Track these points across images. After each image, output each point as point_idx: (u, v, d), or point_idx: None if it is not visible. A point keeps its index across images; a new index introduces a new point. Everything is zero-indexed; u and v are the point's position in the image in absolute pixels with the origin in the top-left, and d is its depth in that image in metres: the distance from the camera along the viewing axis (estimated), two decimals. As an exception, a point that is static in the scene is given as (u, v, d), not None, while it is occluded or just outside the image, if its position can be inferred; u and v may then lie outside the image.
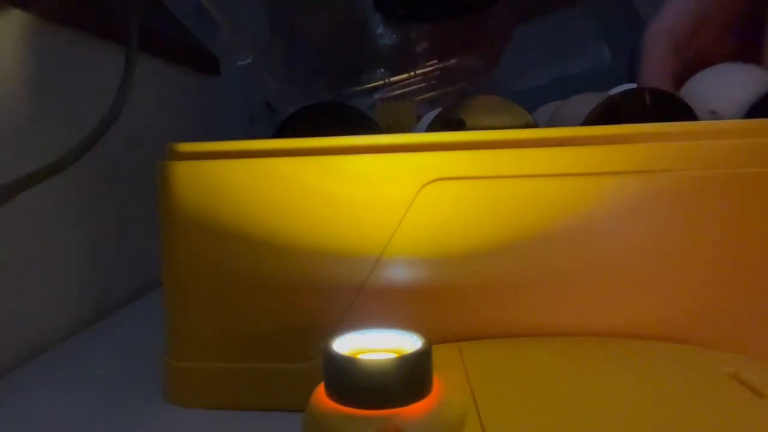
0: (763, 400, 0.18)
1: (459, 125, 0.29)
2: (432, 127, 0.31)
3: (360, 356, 0.18)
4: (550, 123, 0.37)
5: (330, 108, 0.30)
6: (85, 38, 0.41)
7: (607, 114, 0.29)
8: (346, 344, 0.19)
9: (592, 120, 0.29)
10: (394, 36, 0.54)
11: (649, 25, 0.41)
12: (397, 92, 0.56)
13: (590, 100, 0.32)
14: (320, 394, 0.18)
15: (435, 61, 0.56)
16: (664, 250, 0.24)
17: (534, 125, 0.29)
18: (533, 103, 0.38)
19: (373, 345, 0.19)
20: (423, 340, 0.18)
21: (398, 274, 0.25)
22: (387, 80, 0.55)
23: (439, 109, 0.34)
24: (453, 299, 0.25)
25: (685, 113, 0.29)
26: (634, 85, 0.38)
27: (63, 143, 0.31)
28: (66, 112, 0.39)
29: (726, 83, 0.31)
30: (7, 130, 0.34)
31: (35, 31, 0.36)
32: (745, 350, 0.23)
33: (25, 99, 0.35)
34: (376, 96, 0.56)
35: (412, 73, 0.56)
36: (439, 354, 0.18)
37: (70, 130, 0.39)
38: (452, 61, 0.57)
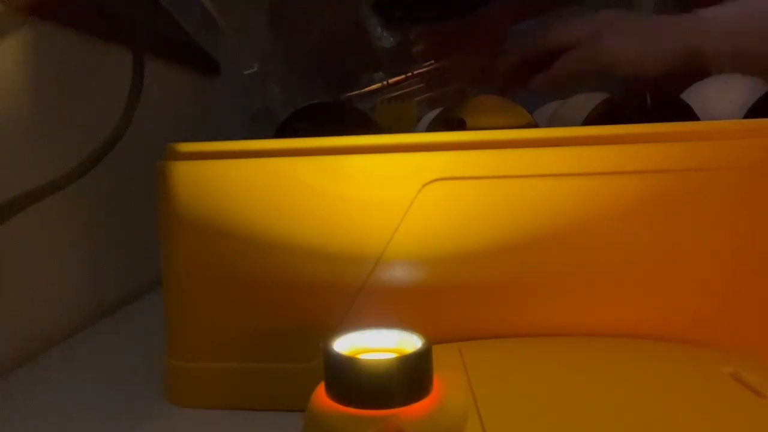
0: (763, 400, 0.18)
1: (459, 125, 0.29)
2: (432, 127, 0.31)
3: (360, 356, 0.18)
4: (550, 123, 0.37)
5: (330, 108, 0.30)
6: (88, 40, 0.41)
7: (607, 114, 0.29)
8: (346, 344, 0.19)
9: (592, 120, 0.29)
10: (391, 38, 0.55)
11: None
12: (396, 93, 0.56)
13: (590, 100, 0.32)
14: (320, 394, 0.18)
15: (433, 61, 0.57)
16: (664, 250, 0.24)
17: (534, 125, 0.29)
18: (533, 102, 0.38)
19: (373, 345, 0.19)
20: (423, 340, 0.18)
21: (398, 274, 0.25)
22: (386, 82, 0.56)
23: (440, 109, 0.34)
24: (453, 299, 0.25)
25: (686, 113, 0.29)
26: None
27: (69, 147, 0.31)
28: (68, 113, 0.39)
29: (724, 93, 0.31)
30: (12, 134, 0.34)
31: (38, 34, 0.36)
32: (746, 350, 0.23)
33: (29, 101, 0.35)
34: (376, 99, 0.56)
35: (411, 74, 0.56)
36: (439, 354, 0.18)
37: (72, 133, 0.39)
38: (450, 61, 0.57)
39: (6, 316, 0.33)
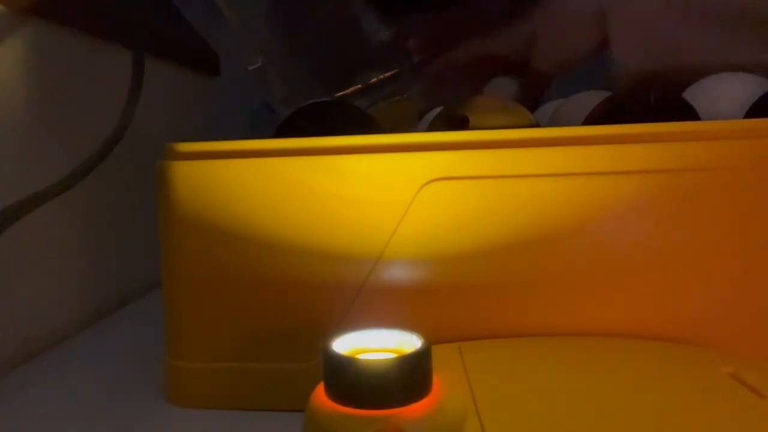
0: (763, 400, 0.18)
1: (463, 122, 0.29)
2: (434, 125, 0.31)
3: (360, 356, 0.18)
4: (551, 123, 0.37)
5: (330, 108, 0.30)
6: (88, 40, 0.41)
7: (607, 113, 0.29)
8: (346, 344, 0.19)
9: (592, 120, 0.29)
10: (387, 31, 0.55)
11: None
12: (395, 87, 0.56)
13: (591, 100, 0.32)
14: (320, 394, 0.18)
15: (431, 54, 0.56)
16: (664, 251, 0.24)
17: (536, 125, 0.29)
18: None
19: (373, 345, 0.19)
20: (423, 340, 0.18)
21: (398, 273, 0.25)
22: (383, 76, 0.55)
23: (441, 108, 0.34)
24: (453, 299, 0.25)
25: (688, 113, 0.29)
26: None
27: (68, 147, 0.31)
28: (68, 113, 0.39)
29: (726, 91, 0.31)
30: (12, 134, 0.34)
31: (38, 34, 0.36)
32: (746, 350, 0.23)
33: (28, 101, 0.35)
34: (375, 94, 0.56)
35: (407, 67, 0.56)
36: (439, 354, 0.18)
37: (72, 133, 0.39)
38: (448, 54, 0.57)
39: (6, 317, 0.33)
